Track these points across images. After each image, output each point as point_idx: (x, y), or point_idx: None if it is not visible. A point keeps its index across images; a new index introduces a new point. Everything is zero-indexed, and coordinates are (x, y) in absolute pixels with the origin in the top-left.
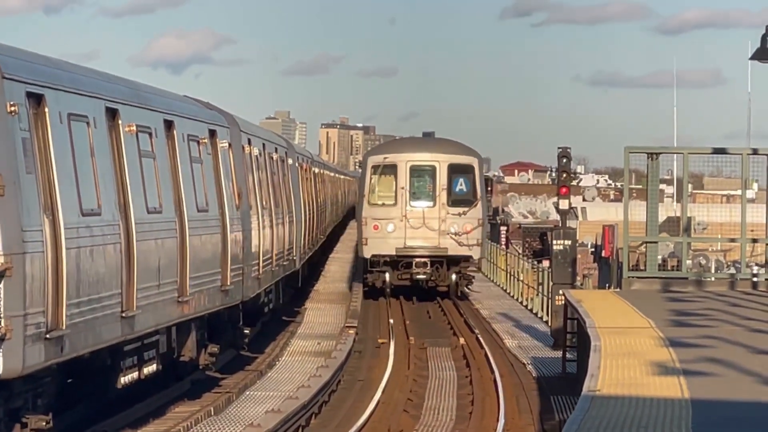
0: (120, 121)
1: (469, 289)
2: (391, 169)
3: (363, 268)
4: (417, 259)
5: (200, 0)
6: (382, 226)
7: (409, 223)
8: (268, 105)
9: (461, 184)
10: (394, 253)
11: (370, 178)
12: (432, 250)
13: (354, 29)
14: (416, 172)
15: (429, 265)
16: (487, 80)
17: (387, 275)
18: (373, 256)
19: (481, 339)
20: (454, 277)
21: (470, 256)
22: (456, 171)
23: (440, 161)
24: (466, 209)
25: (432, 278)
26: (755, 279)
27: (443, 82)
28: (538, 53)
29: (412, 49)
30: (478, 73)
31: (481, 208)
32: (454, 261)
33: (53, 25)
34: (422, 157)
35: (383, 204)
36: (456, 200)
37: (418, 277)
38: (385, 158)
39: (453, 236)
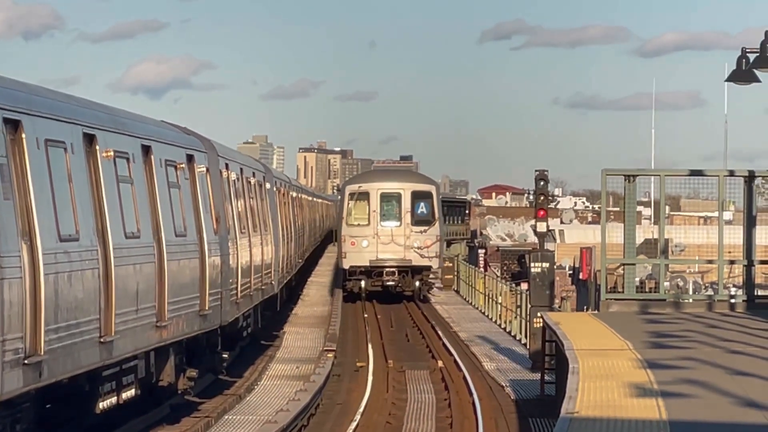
0: (97, 147)
1: (430, 294)
2: (364, 196)
3: (343, 277)
4: (387, 269)
5: (180, 26)
6: (358, 243)
7: (380, 240)
8: (246, 129)
9: (422, 207)
10: (368, 264)
11: (348, 203)
12: (399, 262)
13: (334, 54)
14: (385, 198)
15: (397, 273)
16: (466, 103)
17: (363, 282)
18: (351, 267)
19: (459, 362)
20: (417, 283)
21: (430, 266)
22: (417, 197)
23: (405, 189)
24: (426, 228)
25: (399, 285)
26: (733, 300)
27: (422, 106)
28: (517, 76)
29: (391, 73)
30: (457, 97)
31: (438, 227)
32: (417, 270)
33: (33, 51)
34: (390, 186)
35: (359, 224)
36: (418, 220)
37: (388, 283)
38: (359, 187)
39: (416, 250)
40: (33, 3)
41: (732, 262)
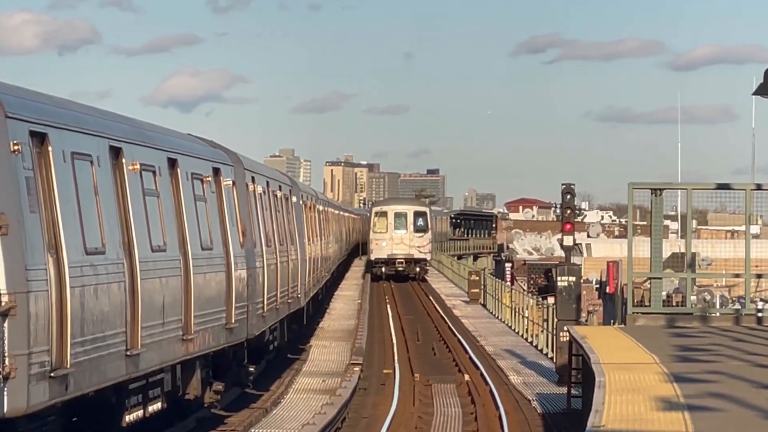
0: (124, 160)
1: (425, 277)
2: (384, 214)
3: (370, 264)
4: (398, 260)
5: (216, 39)
6: (380, 243)
7: (393, 241)
8: (274, 143)
9: (420, 221)
10: (386, 257)
11: (374, 219)
12: (406, 255)
13: (368, 67)
14: (397, 215)
15: (405, 263)
16: (497, 117)
17: (383, 268)
18: (375, 258)
19: (486, 375)
20: (417, 269)
21: (426, 258)
22: (417, 215)
23: (409, 210)
24: (423, 234)
25: (406, 270)
26: (760, 314)
27: (453, 119)
28: (549, 90)
29: (424, 87)
30: (488, 110)
31: (431, 233)
32: (417, 261)
33: (67, 65)
34: (400, 208)
35: (380, 231)
36: (418, 229)
37: (399, 269)
38: (381, 209)
39: (416, 248)
40: (70, 17)
41: (759, 276)
